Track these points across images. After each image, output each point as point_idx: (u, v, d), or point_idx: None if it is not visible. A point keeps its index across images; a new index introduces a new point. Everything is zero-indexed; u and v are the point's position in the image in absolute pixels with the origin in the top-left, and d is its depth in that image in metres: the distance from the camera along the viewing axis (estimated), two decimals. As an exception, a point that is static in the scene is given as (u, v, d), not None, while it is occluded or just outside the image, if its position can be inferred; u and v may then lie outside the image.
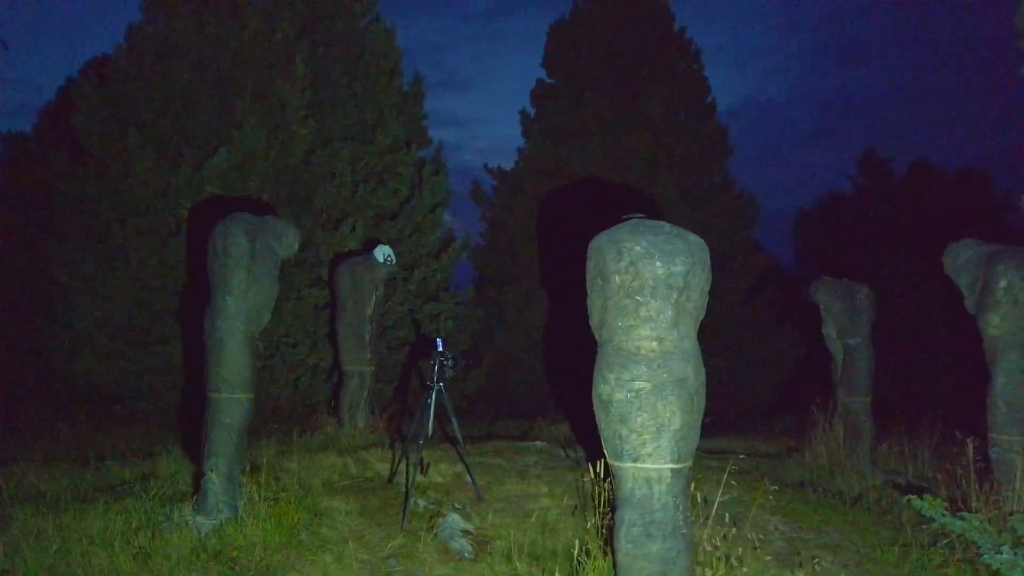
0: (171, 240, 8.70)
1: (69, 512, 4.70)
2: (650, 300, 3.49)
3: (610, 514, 3.91)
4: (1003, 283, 4.53)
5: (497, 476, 5.90)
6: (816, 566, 3.84)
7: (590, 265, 3.68)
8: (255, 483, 5.07)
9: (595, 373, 3.68)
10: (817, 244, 25.33)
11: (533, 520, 5.10)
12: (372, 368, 7.61)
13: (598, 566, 3.87)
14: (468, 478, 5.71)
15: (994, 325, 4.63)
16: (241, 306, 4.83)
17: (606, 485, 4.29)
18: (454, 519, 4.99)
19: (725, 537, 4.18)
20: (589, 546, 4.19)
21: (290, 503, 4.85)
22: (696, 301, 3.56)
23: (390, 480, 5.75)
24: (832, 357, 7.39)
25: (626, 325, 3.54)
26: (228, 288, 4.80)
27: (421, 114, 11.45)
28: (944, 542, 4.48)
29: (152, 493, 5.05)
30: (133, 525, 4.55)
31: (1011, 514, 4.37)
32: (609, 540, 3.85)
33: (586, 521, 5.05)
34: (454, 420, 5.37)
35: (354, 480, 5.77)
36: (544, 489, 5.64)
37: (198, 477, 4.97)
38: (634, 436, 3.52)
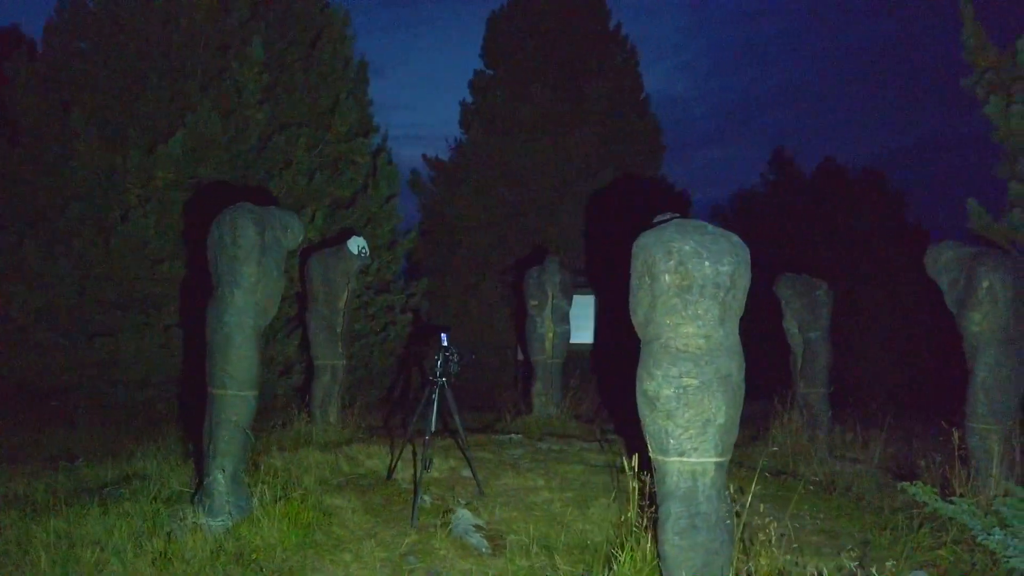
0: (119, 227, 8.25)
1: (62, 517, 4.44)
2: (699, 299, 3.59)
3: (652, 508, 4.00)
4: (986, 283, 4.88)
5: (491, 470, 5.92)
6: (847, 554, 4.03)
7: (636, 264, 3.75)
8: (256, 482, 4.92)
9: (640, 370, 3.76)
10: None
11: (539, 514, 5.17)
12: (344, 362, 7.47)
13: (632, 558, 3.95)
14: (465, 472, 5.72)
15: (976, 323, 4.99)
16: (250, 300, 4.67)
17: (630, 478, 4.38)
18: (464, 515, 4.99)
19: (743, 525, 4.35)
20: (615, 538, 4.29)
21: (300, 502, 4.74)
22: (740, 300, 3.69)
23: (389, 476, 5.69)
24: (792, 350, 7.77)
25: (674, 323, 3.63)
26: (237, 281, 4.63)
27: (367, 100, 11.25)
28: (929, 525, 4.80)
29: (148, 495, 4.83)
30: (139, 529, 4.34)
31: (994, 497, 4.73)
32: (652, 532, 3.95)
33: (586, 511, 5.16)
34: (457, 416, 5.35)
35: (348, 477, 5.67)
36: (540, 482, 5.70)
37: (198, 477, 4.79)
38: (680, 431, 3.62)
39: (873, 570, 3.63)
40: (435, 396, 5.26)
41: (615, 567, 3.98)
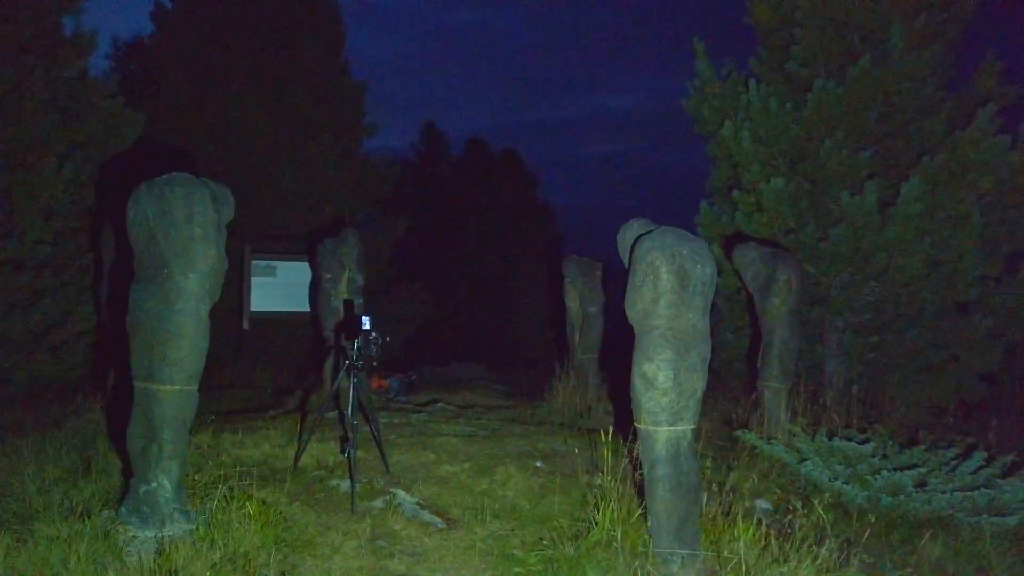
0: None
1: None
2: (696, 295, 4.32)
3: (636, 472, 4.64)
4: (784, 277, 6.40)
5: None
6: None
7: (641, 265, 4.32)
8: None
9: (638, 354, 4.37)
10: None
11: (454, 485, 5.47)
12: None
13: (611, 517, 4.56)
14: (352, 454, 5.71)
15: (775, 306, 6.50)
16: (205, 285, 4.16)
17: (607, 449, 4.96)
18: (401, 495, 5.08)
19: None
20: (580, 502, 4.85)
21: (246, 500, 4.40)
22: (711, 295, 4.51)
23: (296, 464, 5.41)
24: (569, 322, 8.89)
25: (671, 314, 4.30)
26: (191, 264, 4.09)
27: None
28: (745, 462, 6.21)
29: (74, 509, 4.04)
30: (97, 551, 3.69)
31: (793, 436, 6.30)
32: (640, 494, 4.59)
33: (494, 478, 5.60)
34: (369, 397, 5.33)
35: (248, 468, 5.27)
36: (431, 456, 5.93)
37: (125, 485, 4.16)
38: (674, 404, 4.33)
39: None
40: (356, 380, 5.19)
41: (593, 527, 4.56)
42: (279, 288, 12.00)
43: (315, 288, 8.52)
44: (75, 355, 7.88)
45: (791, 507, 4.91)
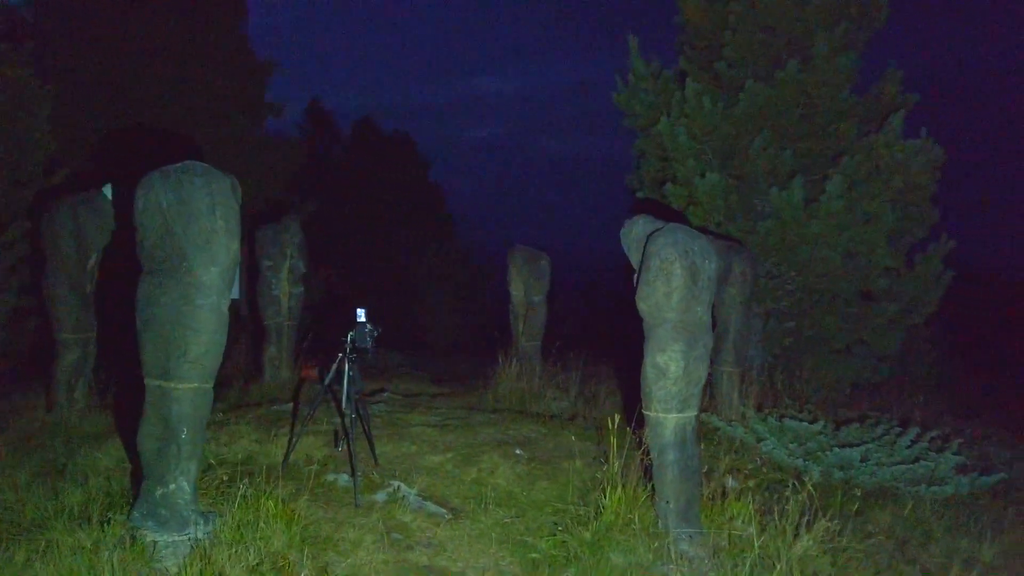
0: None
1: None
2: (703, 289, 4.56)
3: (643, 457, 4.84)
4: (739, 269, 6.81)
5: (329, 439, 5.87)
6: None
7: (654, 261, 4.51)
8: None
9: (650, 345, 4.57)
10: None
11: (443, 475, 5.51)
12: (95, 334, 6.25)
13: (620, 500, 4.75)
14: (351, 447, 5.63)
15: (731, 296, 6.89)
16: (225, 279, 4.00)
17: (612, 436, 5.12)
18: (402, 487, 5.07)
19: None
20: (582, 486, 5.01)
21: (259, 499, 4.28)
22: (715, 290, 4.77)
23: (286, 460, 5.24)
24: (512, 311, 9.02)
25: (683, 308, 4.53)
26: (213, 258, 3.92)
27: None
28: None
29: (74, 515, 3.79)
30: (126, 560, 3.50)
31: (746, 417, 6.73)
32: (648, 477, 4.80)
33: (480, 466, 5.68)
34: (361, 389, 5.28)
35: (235, 467, 5.07)
36: (413, 447, 5.93)
37: (134, 488, 3.95)
38: (683, 392, 4.57)
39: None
40: (352, 372, 5.11)
41: (602, 509, 4.75)
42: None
43: (254, 276, 8.23)
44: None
45: (768, 486, 5.30)
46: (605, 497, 4.77)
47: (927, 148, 8.61)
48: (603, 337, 12.30)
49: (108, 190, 6.16)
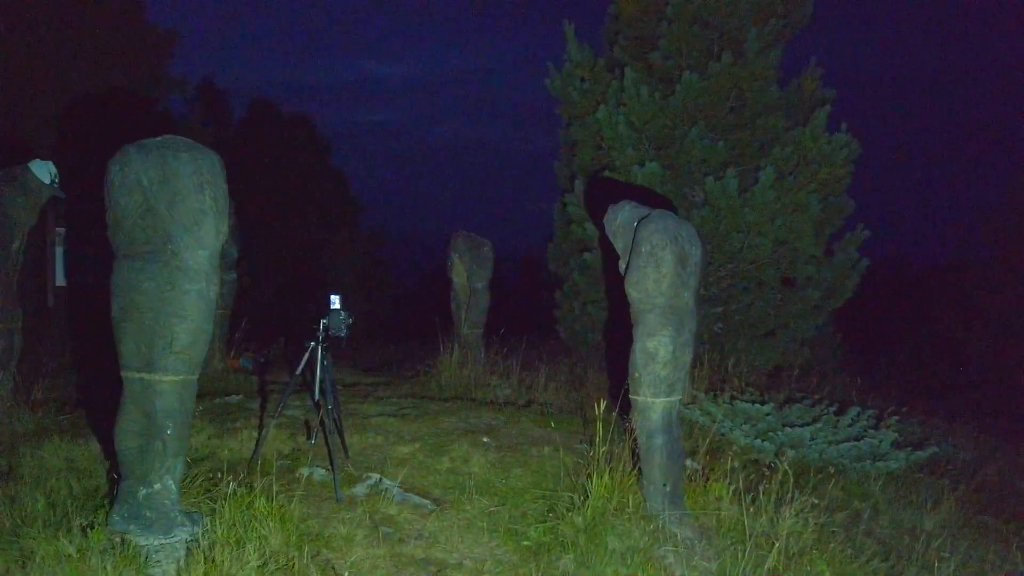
0: None
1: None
2: (691, 275, 4.62)
3: (631, 440, 4.84)
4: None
5: (297, 430, 5.64)
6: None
7: (644, 247, 4.52)
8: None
9: (640, 331, 4.59)
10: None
11: (415, 464, 5.37)
12: (21, 323, 5.72)
13: (606, 483, 4.76)
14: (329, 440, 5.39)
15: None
16: (214, 263, 3.72)
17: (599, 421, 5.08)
18: (384, 479, 4.91)
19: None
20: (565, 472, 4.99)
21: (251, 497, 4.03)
22: (700, 275, 4.84)
23: (255, 455, 4.94)
24: (454, 297, 8.88)
25: (671, 292, 4.58)
26: (201, 240, 3.63)
27: None
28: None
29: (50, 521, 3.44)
30: (119, 566, 3.21)
31: (696, 399, 6.89)
32: (635, 460, 4.81)
33: (451, 455, 5.58)
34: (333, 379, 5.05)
35: (201, 462, 4.76)
36: (379, 438, 5.74)
37: (111, 489, 3.64)
38: (671, 377, 4.63)
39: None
40: (327, 362, 4.88)
41: (589, 494, 4.74)
42: (92, 258, 10.69)
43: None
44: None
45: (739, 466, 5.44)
46: (591, 482, 4.77)
47: (847, 142, 9.06)
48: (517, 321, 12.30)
49: (40, 166, 5.62)
